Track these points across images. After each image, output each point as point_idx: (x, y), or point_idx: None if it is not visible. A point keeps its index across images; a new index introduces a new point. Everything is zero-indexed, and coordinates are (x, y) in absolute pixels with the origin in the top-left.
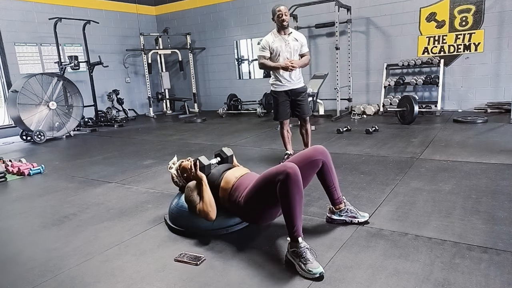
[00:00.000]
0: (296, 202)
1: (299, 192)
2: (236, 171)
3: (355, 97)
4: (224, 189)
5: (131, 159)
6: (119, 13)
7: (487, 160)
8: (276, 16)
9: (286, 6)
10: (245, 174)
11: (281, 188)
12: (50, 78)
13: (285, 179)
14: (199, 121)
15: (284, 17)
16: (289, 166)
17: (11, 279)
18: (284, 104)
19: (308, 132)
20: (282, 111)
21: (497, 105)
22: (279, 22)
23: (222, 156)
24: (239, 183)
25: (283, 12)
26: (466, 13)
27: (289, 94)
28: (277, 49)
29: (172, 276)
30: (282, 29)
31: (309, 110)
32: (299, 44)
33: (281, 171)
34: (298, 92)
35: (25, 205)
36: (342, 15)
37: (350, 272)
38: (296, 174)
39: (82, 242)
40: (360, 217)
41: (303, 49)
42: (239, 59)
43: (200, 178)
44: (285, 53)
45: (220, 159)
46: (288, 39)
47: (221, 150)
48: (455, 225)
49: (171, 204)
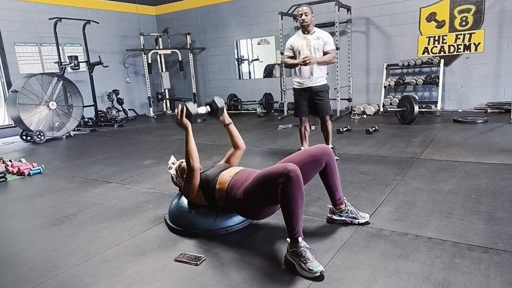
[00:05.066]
0: (298, 205)
1: (301, 195)
2: (230, 171)
3: (355, 97)
4: (220, 190)
5: (131, 159)
6: (119, 13)
7: (487, 160)
8: (298, 17)
9: (308, 6)
10: (240, 171)
11: (283, 191)
12: (50, 78)
13: (287, 182)
14: (199, 121)
15: (304, 17)
16: (290, 169)
17: (11, 279)
18: (302, 102)
19: (328, 129)
20: (300, 108)
21: (497, 105)
22: (300, 23)
23: (213, 106)
24: (234, 181)
25: (302, 12)
26: (466, 13)
27: (308, 92)
28: (298, 47)
29: (172, 276)
30: (304, 28)
31: (329, 109)
32: (321, 43)
33: (283, 173)
34: (317, 91)
35: (25, 205)
36: (342, 15)
37: (350, 272)
38: (298, 177)
39: (82, 242)
40: (360, 217)
41: (326, 47)
42: (239, 59)
43: (185, 126)
44: (306, 51)
45: (211, 110)
46: (310, 38)
47: (213, 100)
48: (455, 225)
49: (171, 204)
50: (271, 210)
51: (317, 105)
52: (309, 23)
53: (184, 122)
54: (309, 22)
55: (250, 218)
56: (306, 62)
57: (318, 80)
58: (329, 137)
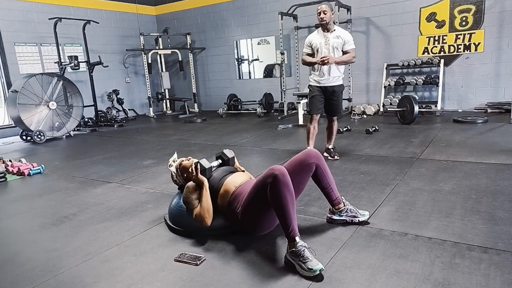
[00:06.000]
0: (288, 202)
1: (289, 192)
2: (236, 179)
3: (355, 97)
4: (223, 196)
5: (131, 159)
6: (119, 13)
7: (487, 160)
8: (317, 15)
9: (327, 4)
10: (245, 182)
11: (271, 191)
12: (50, 78)
13: (273, 181)
14: (199, 121)
15: (323, 15)
16: (276, 168)
17: (11, 279)
18: (317, 99)
19: (333, 130)
20: (314, 104)
21: (497, 105)
22: (318, 21)
23: (223, 158)
24: (238, 192)
25: (320, 10)
26: (466, 13)
27: (323, 91)
28: (316, 45)
29: (172, 276)
30: (324, 27)
31: (341, 109)
32: (340, 42)
33: (269, 175)
34: (332, 90)
35: (25, 205)
36: (342, 15)
37: (350, 272)
38: (283, 175)
39: (82, 242)
40: (360, 216)
41: (346, 46)
42: (239, 59)
43: (201, 182)
44: (324, 49)
45: (221, 162)
46: (329, 36)
47: (222, 152)
48: (455, 225)
49: (171, 204)
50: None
51: (332, 105)
52: (328, 21)
53: (200, 178)
54: (328, 20)
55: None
56: (324, 62)
57: (335, 80)
58: (332, 137)
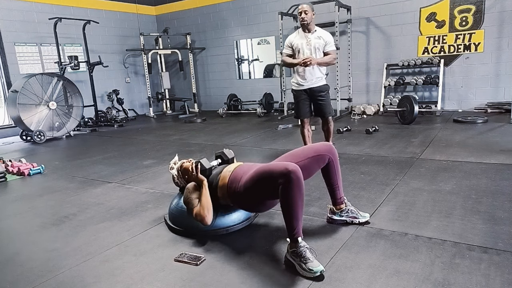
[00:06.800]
0: (298, 206)
1: (301, 196)
2: (230, 167)
3: (355, 97)
4: (221, 187)
5: (131, 159)
6: (119, 13)
7: (487, 160)
8: (298, 15)
9: (308, 4)
10: (238, 166)
11: (283, 192)
12: (50, 78)
13: (287, 183)
14: (199, 121)
15: (304, 15)
16: (291, 169)
17: (11, 279)
18: (303, 103)
19: (330, 130)
20: (301, 109)
21: (497, 105)
22: (299, 21)
23: (223, 158)
24: (234, 174)
25: (301, 10)
26: (466, 13)
27: (308, 93)
28: (297, 46)
29: (172, 276)
30: (305, 27)
31: (331, 109)
32: (322, 42)
33: (283, 174)
34: (317, 91)
35: (25, 205)
36: (342, 15)
37: (350, 272)
38: (298, 179)
39: (82, 242)
40: (360, 217)
41: (327, 47)
42: (239, 59)
43: (201, 181)
44: (306, 50)
45: (221, 161)
46: (311, 37)
47: (222, 152)
48: (455, 225)
49: (171, 204)
50: (273, 203)
51: (319, 106)
52: (309, 22)
53: (200, 178)
54: (309, 21)
55: (252, 211)
56: (306, 63)
57: (317, 81)
58: (330, 137)
